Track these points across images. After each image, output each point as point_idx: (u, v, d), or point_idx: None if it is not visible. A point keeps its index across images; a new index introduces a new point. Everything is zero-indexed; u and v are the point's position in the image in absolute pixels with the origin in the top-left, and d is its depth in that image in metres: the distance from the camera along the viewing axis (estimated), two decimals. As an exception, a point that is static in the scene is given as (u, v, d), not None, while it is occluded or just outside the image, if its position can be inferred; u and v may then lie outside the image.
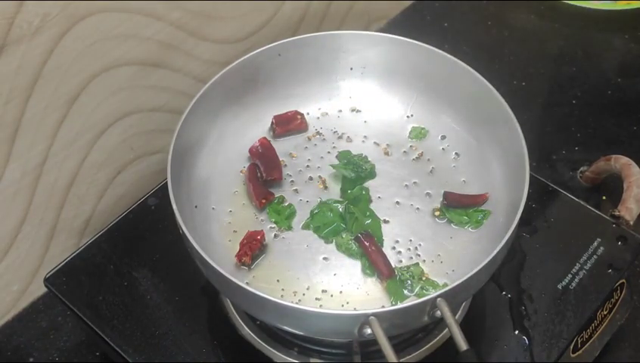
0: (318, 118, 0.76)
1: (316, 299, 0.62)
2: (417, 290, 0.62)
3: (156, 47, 0.75)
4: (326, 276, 0.63)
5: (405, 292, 0.62)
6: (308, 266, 0.64)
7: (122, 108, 0.76)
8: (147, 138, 0.81)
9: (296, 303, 0.59)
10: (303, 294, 0.62)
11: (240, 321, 0.67)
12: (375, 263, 0.63)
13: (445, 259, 0.64)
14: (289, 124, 0.74)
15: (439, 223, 0.67)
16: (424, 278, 0.63)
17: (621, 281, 0.70)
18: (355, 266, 0.64)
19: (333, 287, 0.63)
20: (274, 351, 0.65)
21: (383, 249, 0.64)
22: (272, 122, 0.74)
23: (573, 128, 0.93)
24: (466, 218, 0.66)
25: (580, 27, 1.06)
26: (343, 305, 0.61)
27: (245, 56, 0.71)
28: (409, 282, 0.62)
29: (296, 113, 0.74)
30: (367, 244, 0.64)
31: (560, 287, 0.68)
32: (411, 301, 0.59)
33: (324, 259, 0.65)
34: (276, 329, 0.66)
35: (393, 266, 0.63)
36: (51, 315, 0.77)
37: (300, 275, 0.63)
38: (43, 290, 0.74)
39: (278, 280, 0.63)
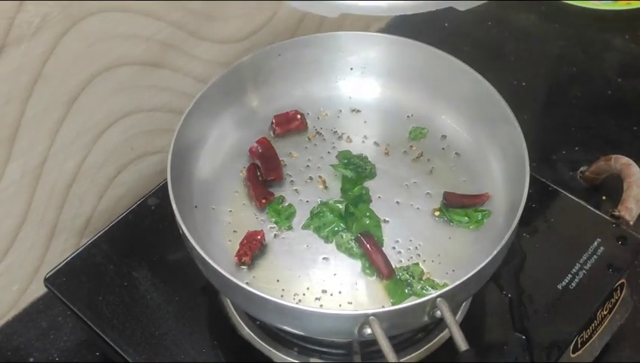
0: (318, 118, 0.76)
1: (316, 299, 0.62)
2: (417, 290, 0.62)
3: (156, 47, 0.75)
4: (326, 276, 0.63)
5: (405, 291, 0.62)
6: (308, 266, 0.64)
7: (122, 108, 0.76)
8: (147, 138, 0.81)
9: (296, 303, 0.59)
10: (303, 294, 0.62)
11: (240, 321, 0.67)
12: (375, 263, 0.63)
13: (445, 259, 0.64)
14: (289, 124, 0.74)
15: (439, 223, 0.67)
16: (424, 278, 0.63)
17: (621, 281, 0.70)
18: (355, 266, 0.64)
19: (334, 287, 0.63)
20: (274, 351, 0.65)
21: (383, 249, 0.64)
22: (272, 122, 0.74)
23: (573, 128, 0.94)
24: (466, 218, 0.66)
25: (580, 27, 1.06)
26: (341, 305, 0.61)
27: (245, 56, 0.71)
28: (409, 282, 0.62)
29: (296, 112, 0.74)
30: (367, 244, 0.64)
31: (560, 287, 0.68)
32: (411, 301, 0.59)
33: (324, 259, 0.65)
34: (276, 329, 0.66)
35: (393, 266, 0.63)
36: (51, 315, 0.77)
37: (300, 275, 0.63)
38: (43, 290, 0.74)
39: (277, 280, 0.63)
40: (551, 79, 1.01)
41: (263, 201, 0.68)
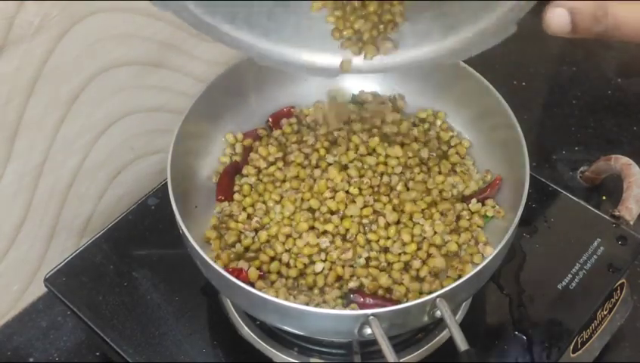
0: (318, 118, 0.76)
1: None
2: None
3: (156, 47, 0.75)
4: None
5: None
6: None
7: (122, 108, 0.76)
8: (147, 138, 0.81)
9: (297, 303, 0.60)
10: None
11: (240, 321, 0.67)
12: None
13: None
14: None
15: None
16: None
17: (621, 281, 0.70)
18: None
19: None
20: (274, 351, 0.65)
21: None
22: (268, 120, 0.74)
23: (573, 128, 0.94)
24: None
25: (580, 27, 1.06)
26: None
27: (245, 56, 0.71)
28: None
29: (290, 108, 0.74)
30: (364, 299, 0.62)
31: (560, 287, 0.68)
32: (411, 301, 0.59)
33: None
34: (276, 329, 0.66)
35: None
36: (51, 315, 0.77)
37: None
38: (43, 290, 0.74)
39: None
40: (551, 79, 1.01)
41: (221, 198, 0.68)
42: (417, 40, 0.54)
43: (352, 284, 0.61)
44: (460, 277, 0.62)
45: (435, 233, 0.64)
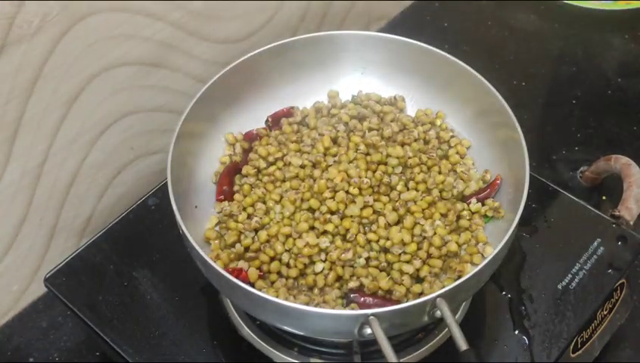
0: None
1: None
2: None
3: (156, 47, 0.75)
4: None
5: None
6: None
7: (122, 108, 0.76)
8: (147, 138, 0.81)
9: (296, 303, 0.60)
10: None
11: (240, 321, 0.67)
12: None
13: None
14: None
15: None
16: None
17: (621, 281, 0.70)
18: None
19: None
20: (274, 351, 0.65)
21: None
22: (268, 120, 0.74)
23: (573, 128, 0.94)
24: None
25: (580, 27, 1.06)
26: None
27: (245, 56, 0.71)
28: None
29: (290, 108, 0.74)
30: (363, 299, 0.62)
31: (560, 287, 0.68)
32: (411, 301, 0.59)
33: None
34: (276, 329, 0.66)
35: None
36: (51, 315, 0.77)
37: None
38: (43, 290, 0.74)
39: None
40: (551, 79, 1.01)
41: (221, 198, 0.68)
42: None
43: (352, 284, 0.61)
44: (460, 277, 0.62)
45: (435, 233, 0.64)
